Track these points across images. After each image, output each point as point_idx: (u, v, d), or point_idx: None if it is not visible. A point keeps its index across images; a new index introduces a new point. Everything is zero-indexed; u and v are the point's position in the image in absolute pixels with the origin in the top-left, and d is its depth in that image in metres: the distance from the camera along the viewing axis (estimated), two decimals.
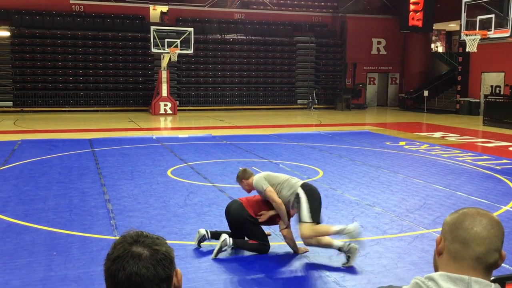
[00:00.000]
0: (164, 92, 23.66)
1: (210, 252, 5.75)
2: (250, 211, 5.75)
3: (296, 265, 5.46)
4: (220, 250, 5.59)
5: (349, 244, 5.38)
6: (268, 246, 5.77)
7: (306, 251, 5.75)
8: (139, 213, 7.32)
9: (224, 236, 5.61)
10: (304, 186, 5.61)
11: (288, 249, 5.84)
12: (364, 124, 21.77)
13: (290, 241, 5.68)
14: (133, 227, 1.46)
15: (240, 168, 6.13)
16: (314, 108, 27.92)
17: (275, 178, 5.77)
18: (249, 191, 6.02)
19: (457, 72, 27.24)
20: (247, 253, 5.76)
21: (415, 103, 29.28)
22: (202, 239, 5.82)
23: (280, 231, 5.79)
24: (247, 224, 5.73)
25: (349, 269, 5.32)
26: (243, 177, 5.94)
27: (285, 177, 5.79)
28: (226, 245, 5.59)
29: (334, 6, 31.83)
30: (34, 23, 25.47)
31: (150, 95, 25.56)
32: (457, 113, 25.69)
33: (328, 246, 5.48)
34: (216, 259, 5.55)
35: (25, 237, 6.22)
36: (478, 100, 25.37)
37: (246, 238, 5.84)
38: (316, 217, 5.39)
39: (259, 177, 5.82)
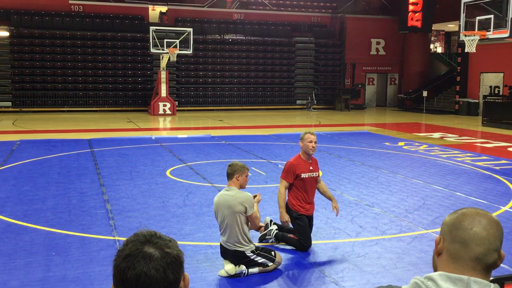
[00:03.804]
0: (163, 92, 23.66)
1: (209, 252, 5.75)
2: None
3: (295, 265, 5.46)
4: (264, 238, 6.13)
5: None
6: (307, 245, 5.86)
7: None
8: (138, 214, 7.32)
9: (273, 227, 6.17)
10: None
11: (287, 249, 5.85)
12: (363, 124, 21.76)
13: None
14: (132, 227, 1.45)
15: None
16: (313, 108, 27.93)
17: None
18: None
19: (456, 72, 27.25)
20: None
21: (414, 103, 29.28)
22: (266, 226, 6.21)
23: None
24: (291, 219, 5.96)
25: (348, 270, 5.32)
26: None
27: None
28: (270, 235, 6.12)
29: (333, 7, 31.84)
30: (33, 23, 25.45)
31: (149, 95, 25.55)
32: (456, 114, 25.69)
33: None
34: (214, 259, 5.54)
35: (24, 237, 6.21)
36: (477, 101, 25.38)
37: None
38: None
39: None
